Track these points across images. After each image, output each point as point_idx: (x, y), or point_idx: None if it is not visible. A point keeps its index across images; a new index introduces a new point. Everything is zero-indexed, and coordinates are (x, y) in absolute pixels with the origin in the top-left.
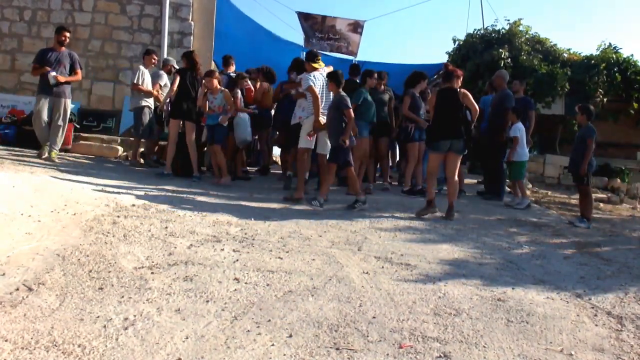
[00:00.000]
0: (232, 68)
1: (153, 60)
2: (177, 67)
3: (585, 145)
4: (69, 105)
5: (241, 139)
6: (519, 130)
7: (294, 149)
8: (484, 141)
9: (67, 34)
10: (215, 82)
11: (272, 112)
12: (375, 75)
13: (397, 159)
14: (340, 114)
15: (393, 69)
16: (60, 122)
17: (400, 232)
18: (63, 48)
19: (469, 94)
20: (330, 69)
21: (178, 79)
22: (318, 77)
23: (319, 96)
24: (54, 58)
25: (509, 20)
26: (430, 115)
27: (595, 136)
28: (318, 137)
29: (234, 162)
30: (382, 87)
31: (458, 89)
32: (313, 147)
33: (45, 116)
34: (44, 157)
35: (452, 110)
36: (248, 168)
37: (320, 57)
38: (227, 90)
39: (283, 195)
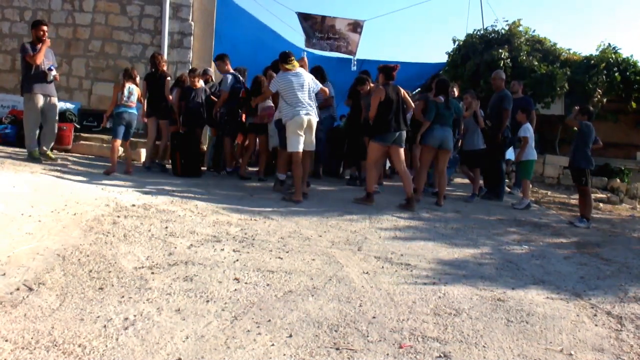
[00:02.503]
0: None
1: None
2: (213, 76)
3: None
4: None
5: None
6: (528, 130)
7: (281, 150)
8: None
9: (46, 28)
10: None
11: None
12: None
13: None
14: None
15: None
16: (56, 121)
17: (400, 232)
18: (42, 44)
19: (405, 91)
20: (304, 62)
21: (145, 84)
22: (285, 77)
23: (294, 95)
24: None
25: (507, 21)
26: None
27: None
28: (306, 137)
29: (241, 161)
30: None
31: (399, 87)
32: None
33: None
34: (42, 158)
35: (398, 104)
36: (249, 168)
37: (293, 58)
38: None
39: (282, 195)
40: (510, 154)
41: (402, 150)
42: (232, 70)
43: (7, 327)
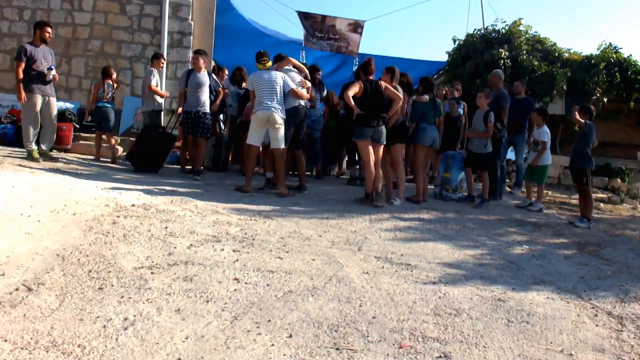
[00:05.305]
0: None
1: (161, 64)
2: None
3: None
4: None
5: None
6: (547, 134)
7: (269, 149)
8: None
9: (50, 30)
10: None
11: None
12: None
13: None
14: None
15: (391, 63)
16: (55, 120)
17: (400, 232)
18: (43, 45)
19: (387, 85)
20: (288, 60)
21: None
22: (257, 75)
23: (262, 92)
24: (41, 55)
25: (505, 21)
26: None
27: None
28: (270, 133)
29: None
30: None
31: (379, 81)
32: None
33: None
34: (42, 158)
35: (375, 100)
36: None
37: (266, 58)
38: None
39: (280, 196)
40: (510, 154)
41: (380, 148)
42: (202, 69)
43: (6, 328)
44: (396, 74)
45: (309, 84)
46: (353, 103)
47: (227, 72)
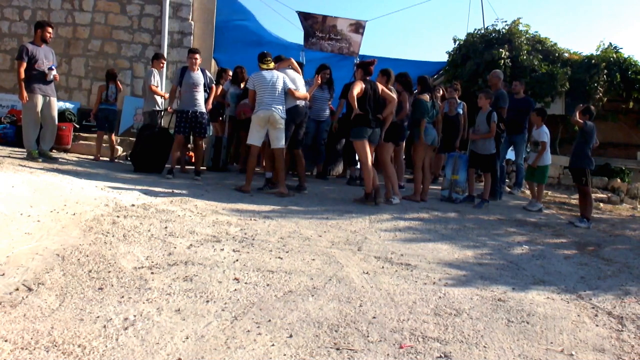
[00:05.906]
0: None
1: (162, 65)
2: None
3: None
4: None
5: None
6: (547, 134)
7: (268, 148)
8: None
9: (51, 30)
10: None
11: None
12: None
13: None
14: None
15: (391, 65)
16: (55, 121)
17: (400, 232)
18: (44, 44)
19: (383, 87)
20: (291, 62)
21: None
22: (259, 75)
23: (263, 92)
24: (42, 55)
25: (506, 21)
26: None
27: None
28: (270, 133)
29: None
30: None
31: (376, 83)
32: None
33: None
34: (41, 158)
35: (374, 100)
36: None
37: (269, 58)
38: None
39: (280, 196)
40: (510, 154)
41: (373, 147)
42: (197, 68)
43: (6, 328)
44: (391, 77)
45: (319, 80)
46: (356, 104)
47: (230, 74)
